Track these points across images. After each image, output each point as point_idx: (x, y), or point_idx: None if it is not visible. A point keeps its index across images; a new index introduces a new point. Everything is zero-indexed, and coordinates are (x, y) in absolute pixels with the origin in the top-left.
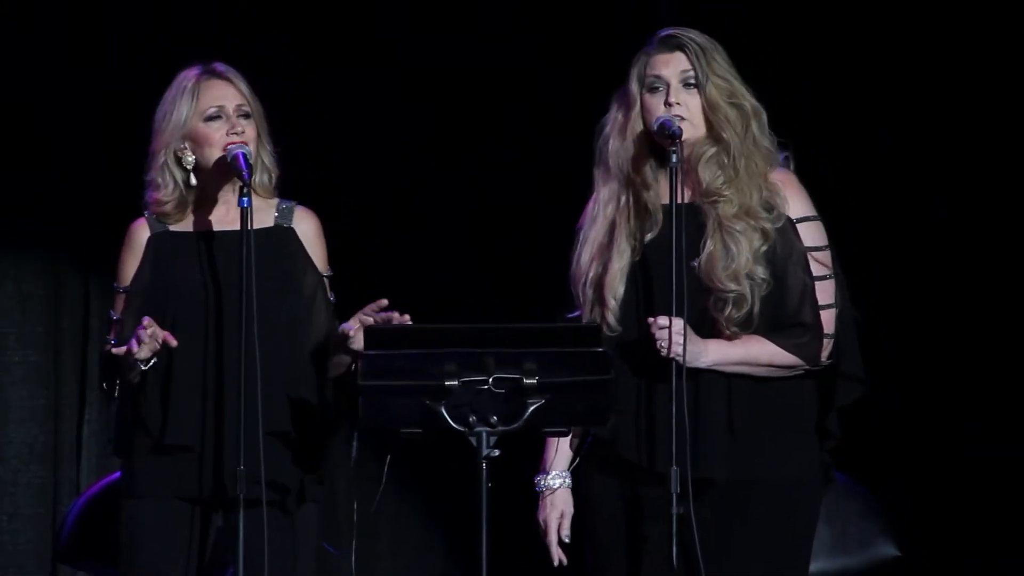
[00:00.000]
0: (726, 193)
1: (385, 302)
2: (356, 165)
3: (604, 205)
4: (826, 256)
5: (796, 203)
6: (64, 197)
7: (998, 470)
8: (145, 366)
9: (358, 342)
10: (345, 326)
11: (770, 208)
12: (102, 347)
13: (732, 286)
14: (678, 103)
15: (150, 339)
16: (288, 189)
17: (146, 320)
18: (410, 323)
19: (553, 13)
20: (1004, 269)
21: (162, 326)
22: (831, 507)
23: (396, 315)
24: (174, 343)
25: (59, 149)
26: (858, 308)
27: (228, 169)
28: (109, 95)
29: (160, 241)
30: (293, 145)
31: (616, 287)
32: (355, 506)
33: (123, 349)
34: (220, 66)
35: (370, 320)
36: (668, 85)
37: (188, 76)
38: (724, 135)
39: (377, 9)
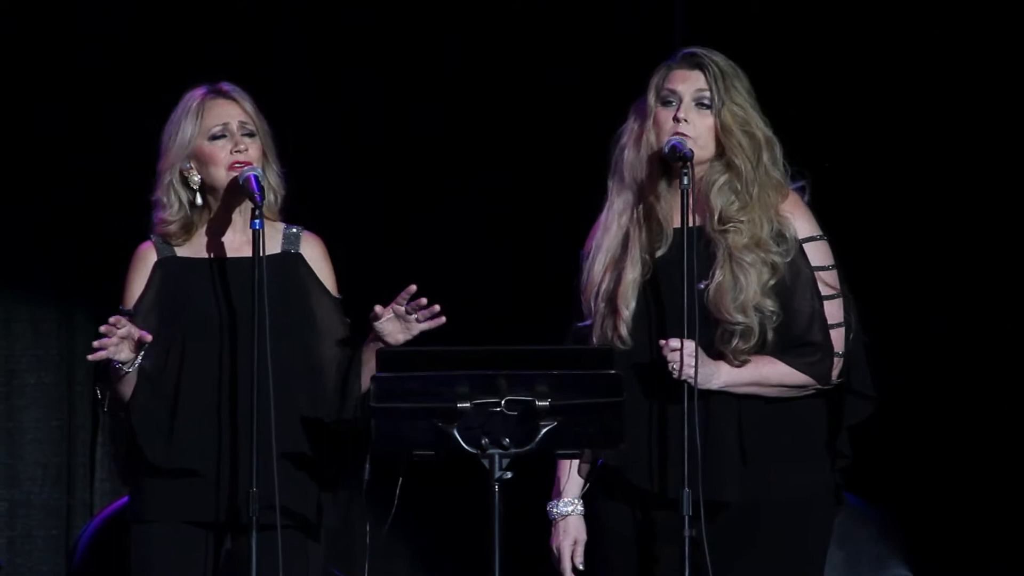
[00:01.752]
0: (741, 219)
1: (414, 287)
2: (360, 185)
3: (618, 215)
4: (833, 276)
5: (801, 223)
6: (76, 222)
7: (1012, 491)
8: (129, 368)
9: (386, 329)
10: (377, 308)
11: (781, 239)
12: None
13: (740, 318)
14: (686, 120)
15: (121, 340)
16: (290, 211)
17: (112, 319)
18: (438, 311)
19: (560, 18)
20: (1017, 285)
21: (173, 353)
22: (844, 529)
23: (424, 301)
24: (149, 338)
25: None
26: (866, 326)
27: (237, 190)
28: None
29: (168, 266)
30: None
31: (629, 299)
32: (367, 529)
33: (101, 354)
34: (226, 86)
35: (402, 309)
36: (680, 101)
37: (194, 96)
38: (736, 161)
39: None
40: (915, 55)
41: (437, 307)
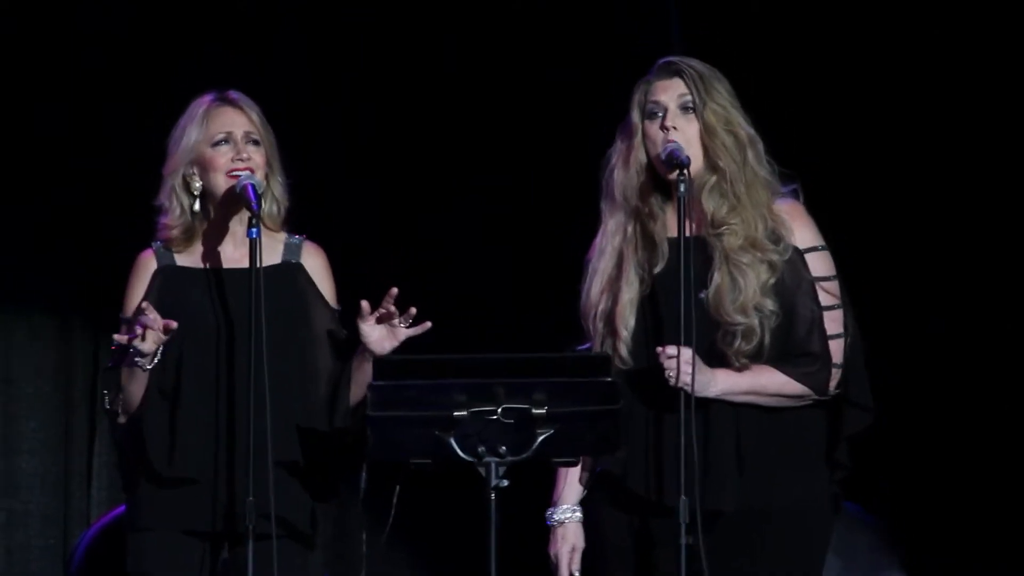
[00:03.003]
0: (732, 222)
1: (395, 291)
2: (360, 185)
3: (611, 236)
4: (834, 286)
5: (803, 233)
6: (75, 229)
7: (1009, 501)
8: (149, 364)
9: (372, 336)
10: (364, 303)
11: (776, 240)
12: (103, 370)
13: (740, 319)
14: (675, 128)
15: (151, 324)
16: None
17: (144, 304)
18: (415, 314)
19: (560, 18)
20: (1017, 293)
21: (170, 363)
22: (841, 537)
23: (413, 311)
24: (174, 325)
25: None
26: (865, 333)
27: (237, 199)
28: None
29: (168, 275)
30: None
31: (627, 319)
32: (364, 538)
33: (123, 338)
34: (234, 94)
35: (386, 313)
36: (666, 110)
37: (201, 103)
38: (720, 162)
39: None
40: (914, 55)
41: (413, 310)
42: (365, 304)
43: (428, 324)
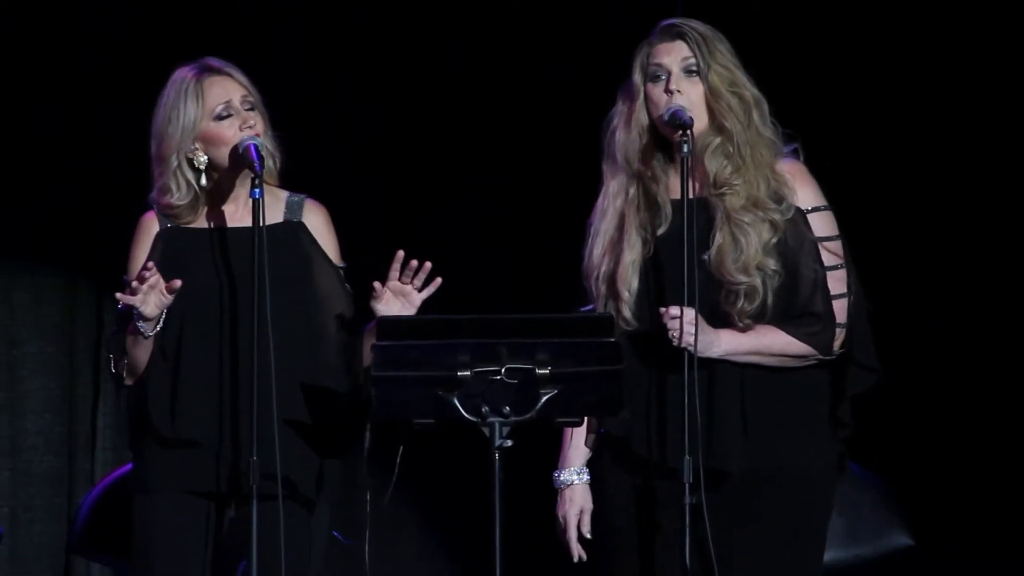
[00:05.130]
0: (735, 183)
1: (402, 253)
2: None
3: (613, 198)
4: (837, 246)
5: (806, 193)
6: (78, 191)
7: (1011, 458)
8: (152, 330)
9: (390, 312)
10: (376, 284)
11: (779, 199)
12: (108, 335)
13: (742, 278)
14: (679, 91)
15: (149, 289)
16: (298, 180)
17: (148, 263)
18: (430, 269)
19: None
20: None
21: (173, 323)
22: (844, 497)
23: (415, 263)
24: (178, 284)
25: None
26: (870, 297)
27: (239, 162)
28: None
29: (170, 236)
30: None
31: (629, 280)
32: (368, 497)
33: (126, 298)
34: (214, 61)
35: (397, 283)
36: (669, 73)
37: (186, 76)
38: (726, 124)
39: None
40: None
41: (428, 264)
42: (377, 284)
43: (439, 281)
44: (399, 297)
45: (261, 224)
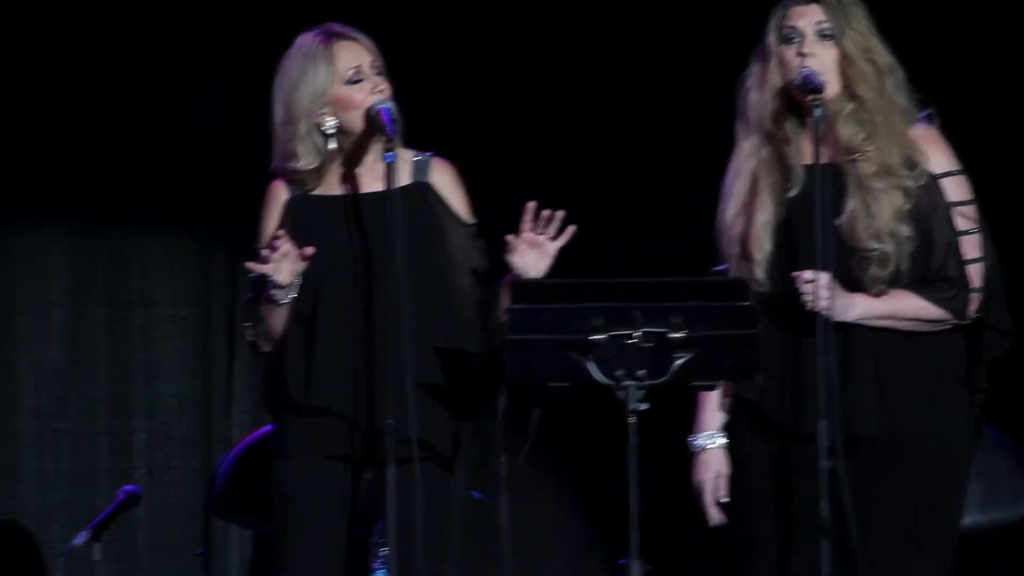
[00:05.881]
0: (867, 149)
1: (534, 204)
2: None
3: (746, 159)
4: (971, 210)
5: (938, 158)
6: (213, 154)
7: None
8: (286, 297)
9: (526, 263)
10: (509, 238)
11: (912, 165)
12: (243, 302)
13: (874, 244)
14: (812, 54)
15: (281, 258)
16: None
17: (279, 232)
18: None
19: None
20: None
21: (308, 290)
22: (981, 462)
23: (548, 213)
24: (310, 252)
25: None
26: (1005, 261)
27: (370, 126)
28: None
29: (300, 204)
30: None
31: (762, 242)
32: (503, 459)
33: (258, 267)
34: (338, 27)
35: (530, 234)
36: (803, 36)
37: (312, 42)
38: (859, 90)
39: None
40: None
41: (561, 213)
42: (511, 237)
43: (573, 228)
44: (534, 248)
45: (395, 187)
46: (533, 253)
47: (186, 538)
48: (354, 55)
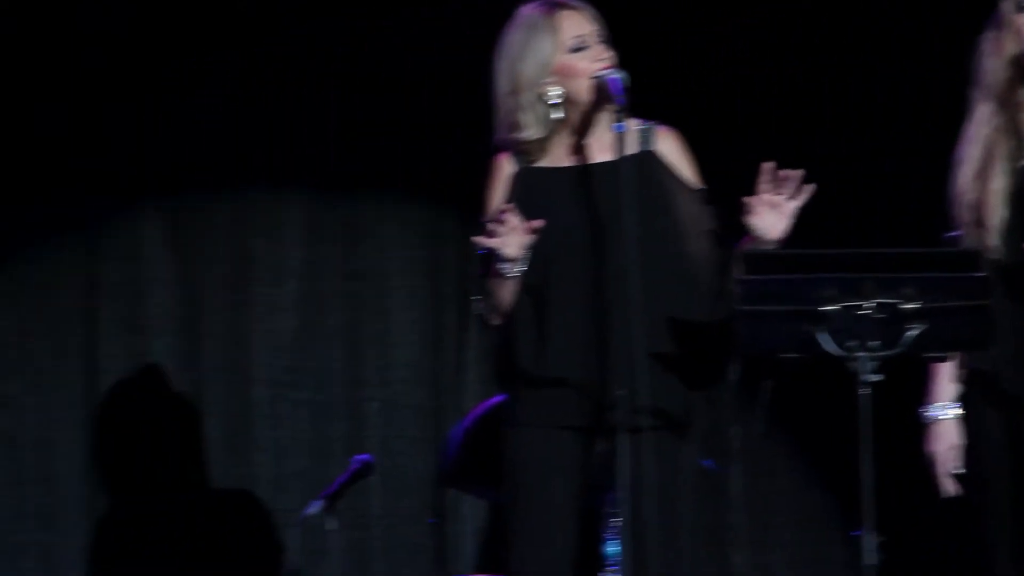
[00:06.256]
0: None
1: (771, 164)
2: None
3: (980, 125)
4: None
5: None
6: (442, 127)
7: None
8: (514, 271)
9: (766, 224)
10: (746, 200)
11: None
12: (472, 277)
13: None
14: None
15: (510, 231)
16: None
17: (506, 206)
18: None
19: None
20: None
21: (538, 262)
22: None
23: (785, 173)
24: (538, 225)
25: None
26: None
27: (597, 95)
28: None
29: (527, 177)
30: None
31: (995, 209)
32: (734, 431)
33: (485, 241)
34: None
35: (770, 195)
36: None
37: (535, 13)
38: None
39: None
40: None
41: (798, 172)
42: (748, 199)
43: (812, 187)
44: (773, 209)
45: (625, 155)
46: (772, 214)
47: (418, 508)
48: (577, 24)
